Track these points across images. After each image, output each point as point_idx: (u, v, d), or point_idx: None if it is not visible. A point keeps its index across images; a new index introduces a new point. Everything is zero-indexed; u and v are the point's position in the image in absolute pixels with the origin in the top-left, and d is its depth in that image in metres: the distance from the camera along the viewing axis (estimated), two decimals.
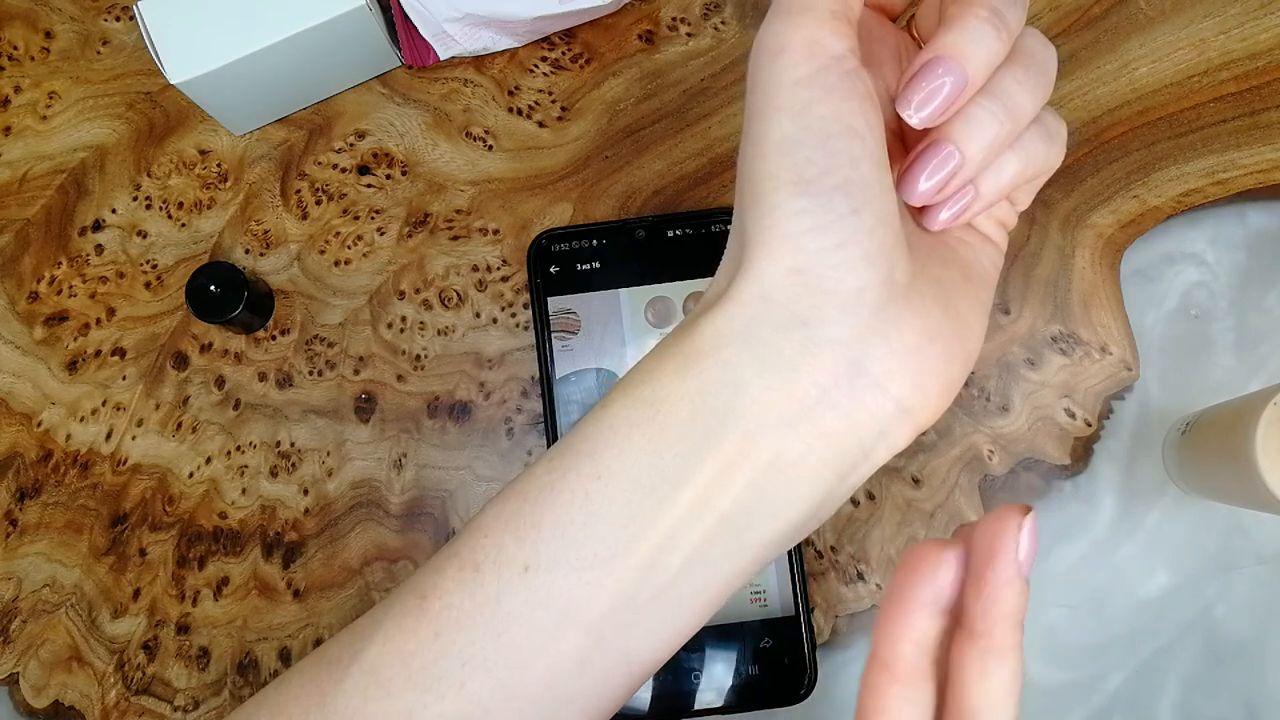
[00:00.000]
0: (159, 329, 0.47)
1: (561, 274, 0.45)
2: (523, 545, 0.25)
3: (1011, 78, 0.25)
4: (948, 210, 0.26)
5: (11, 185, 0.48)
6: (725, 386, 0.25)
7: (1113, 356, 0.45)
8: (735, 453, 0.25)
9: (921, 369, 0.25)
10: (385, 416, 0.46)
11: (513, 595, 0.25)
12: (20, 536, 0.46)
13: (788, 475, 0.25)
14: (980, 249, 0.28)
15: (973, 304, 0.27)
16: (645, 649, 0.26)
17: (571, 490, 0.25)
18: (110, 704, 0.45)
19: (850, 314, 0.24)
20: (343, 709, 0.26)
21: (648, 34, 0.48)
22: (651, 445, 0.25)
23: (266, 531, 0.46)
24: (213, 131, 0.48)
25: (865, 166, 0.24)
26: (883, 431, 0.25)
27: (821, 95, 0.24)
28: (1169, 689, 0.44)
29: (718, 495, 0.25)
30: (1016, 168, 0.26)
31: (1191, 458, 0.43)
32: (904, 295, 0.25)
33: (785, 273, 0.24)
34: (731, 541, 0.25)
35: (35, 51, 0.49)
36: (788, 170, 0.24)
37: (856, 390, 0.25)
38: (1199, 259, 0.47)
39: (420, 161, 0.48)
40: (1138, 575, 0.45)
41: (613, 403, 0.26)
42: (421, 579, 0.27)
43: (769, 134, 0.24)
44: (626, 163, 0.47)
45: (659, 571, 0.25)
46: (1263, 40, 0.46)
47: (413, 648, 0.26)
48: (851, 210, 0.24)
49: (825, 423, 0.25)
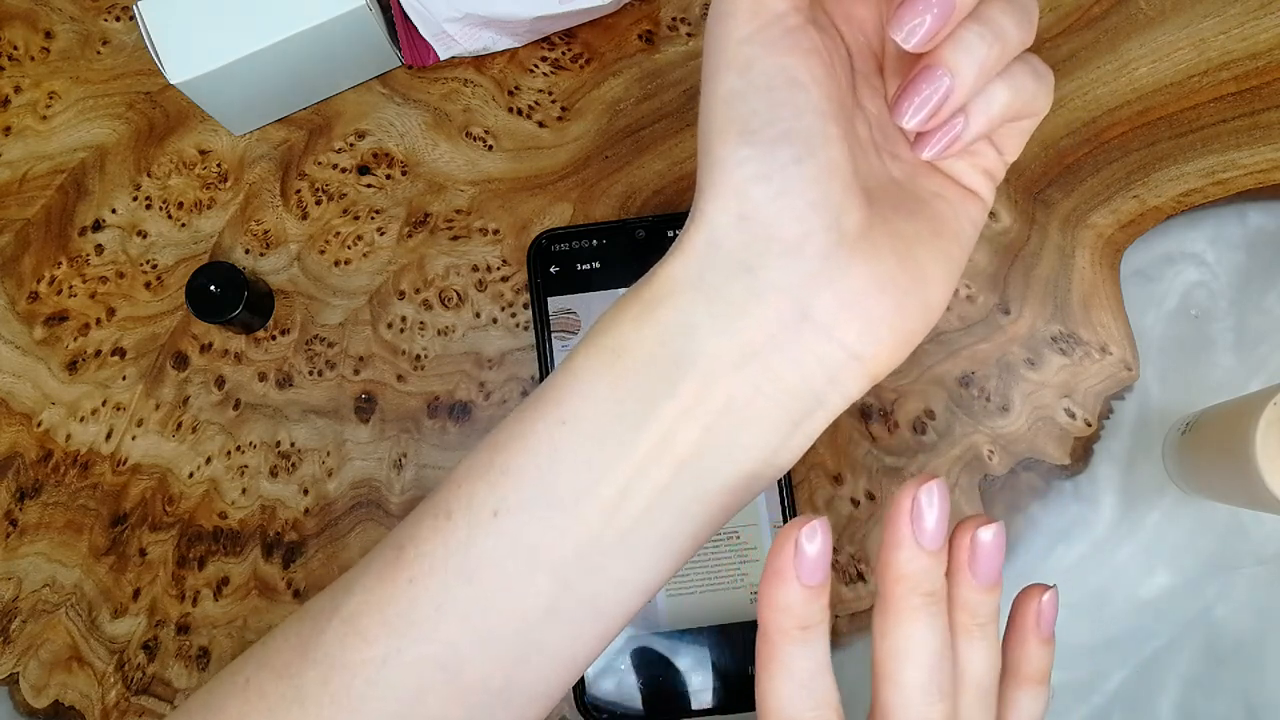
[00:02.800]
0: (159, 329, 0.47)
1: (561, 274, 0.45)
2: (492, 491, 0.26)
3: (997, 8, 0.26)
4: (939, 140, 0.27)
5: (11, 185, 0.48)
6: (680, 332, 0.25)
7: (1113, 356, 0.45)
8: (691, 397, 0.25)
9: (871, 317, 0.25)
10: (385, 416, 0.46)
11: (482, 540, 0.26)
12: (20, 536, 0.46)
13: (742, 417, 0.25)
14: (960, 204, 0.28)
15: (937, 258, 0.27)
16: (613, 596, 0.26)
17: (538, 437, 0.26)
18: (110, 704, 0.45)
19: (794, 260, 0.25)
20: (323, 658, 0.26)
21: (648, 34, 0.48)
22: (613, 391, 0.26)
23: (266, 531, 0.46)
24: (213, 131, 0.48)
25: (809, 117, 0.25)
26: (833, 378, 0.26)
27: (763, 51, 0.25)
28: (1169, 689, 0.44)
29: (675, 439, 0.25)
30: (1006, 96, 0.27)
31: (1191, 458, 0.43)
32: (853, 243, 0.25)
33: (733, 220, 0.25)
34: (692, 486, 0.26)
35: (35, 51, 0.49)
36: (734, 122, 0.25)
37: (803, 336, 0.25)
38: (1199, 259, 0.47)
39: (420, 161, 0.48)
40: (1138, 575, 0.45)
41: (578, 352, 0.27)
42: (399, 532, 0.27)
43: (717, 89, 0.26)
44: (626, 163, 0.47)
45: (622, 515, 0.25)
46: (1263, 40, 0.46)
47: (389, 595, 0.26)
48: (794, 159, 0.25)
49: (774, 367, 0.25)
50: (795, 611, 0.25)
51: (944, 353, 0.45)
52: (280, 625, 0.29)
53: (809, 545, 0.24)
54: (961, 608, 0.27)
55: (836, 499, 0.45)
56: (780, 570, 0.25)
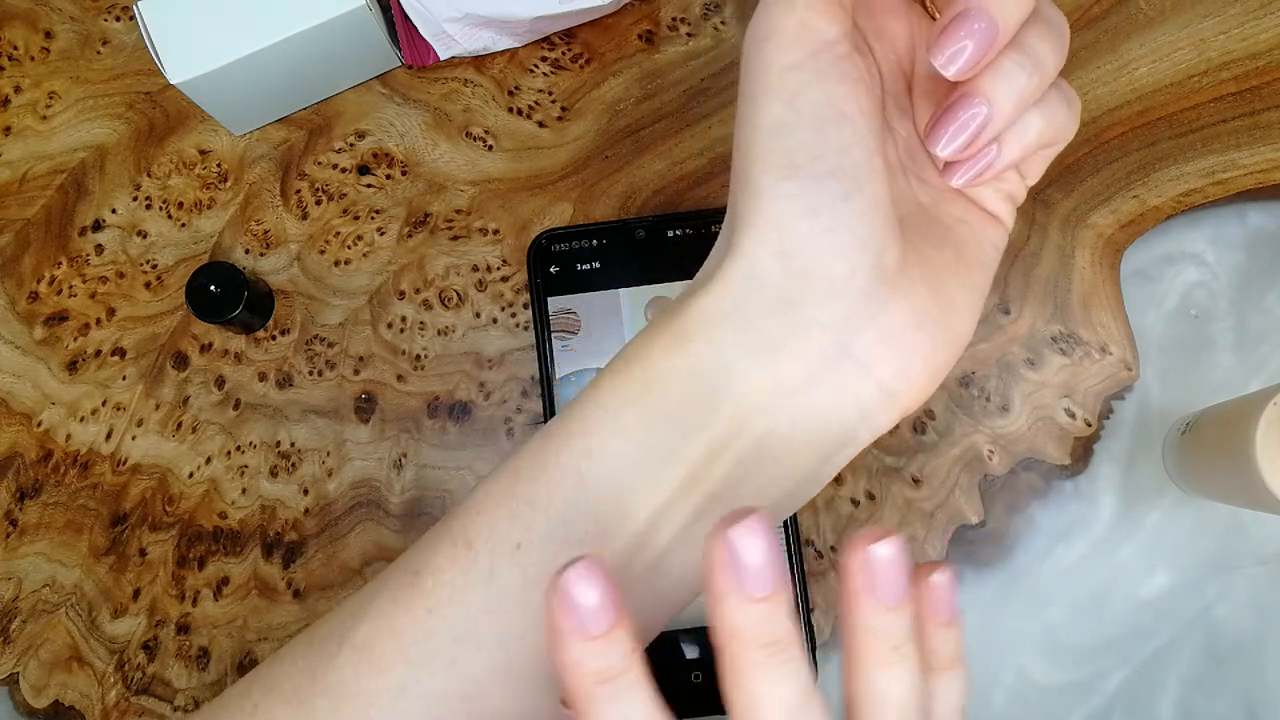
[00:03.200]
0: (159, 329, 0.47)
1: (561, 274, 0.45)
2: (515, 522, 0.25)
3: (1035, 34, 0.25)
4: (971, 168, 0.26)
5: (11, 185, 0.48)
6: (714, 366, 0.25)
7: (1113, 356, 0.45)
8: (723, 432, 0.25)
9: (907, 353, 0.25)
10: (385, 416, 0.46)
11: (505, 572, 0.25)
12: (20, 536, 0.46)
13: (774, 455, 0.25)
14: (981, 229, 0.28)
15: (964, 287, 0.27)
16: (634, 626, 0.26)
17: (563, 468, 0.25)
18: (110, 704, 0.45)
19: (838, 298, 0.24)
20: (334, 685, 0.26)
21: (648, 34, 0.48)
22: (641, 424, 0.25)
23: (266, 531, 0.46)
24: (213, 131, 0.48)
25: (857, 152, 0.24)
26: (866, 414, 0.25)
27: (813, 80, 0.24)
28: (1169, 689, 0.44)
29: (705, 474, 0.25)
30: (1040, 125, 0.26)
31: (1191, 458, 0.43)
32: (893, 279, 0.25)
33: (774, 255, 0.24)
34: (717, 517, 0.25)
35: (35, 51, 0.49)
36: (778, 154, 0.24)
37: (842, 373, 0.25)
38: (1199, 259, 0.47)
39: (420, 161, 0.48)
40: (1138, 575, 0.45)
41: (604, 381, 0.26)
42: (414, 556, 0.27)
43: (760, 119, 0.25)
44: (626, 163, 0.47)
45: (648, 548, 0.25)
46: (1263, 40, 0.46)
47: (405, 624, 0.26)
48: (843, 195, 0.24)
49: (810, 405, 0.25)
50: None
51: None
52: (285, 648, 0.28)
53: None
54: (870, 635, 0.23)
55: (836, 499, 0.45)
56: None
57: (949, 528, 0.44)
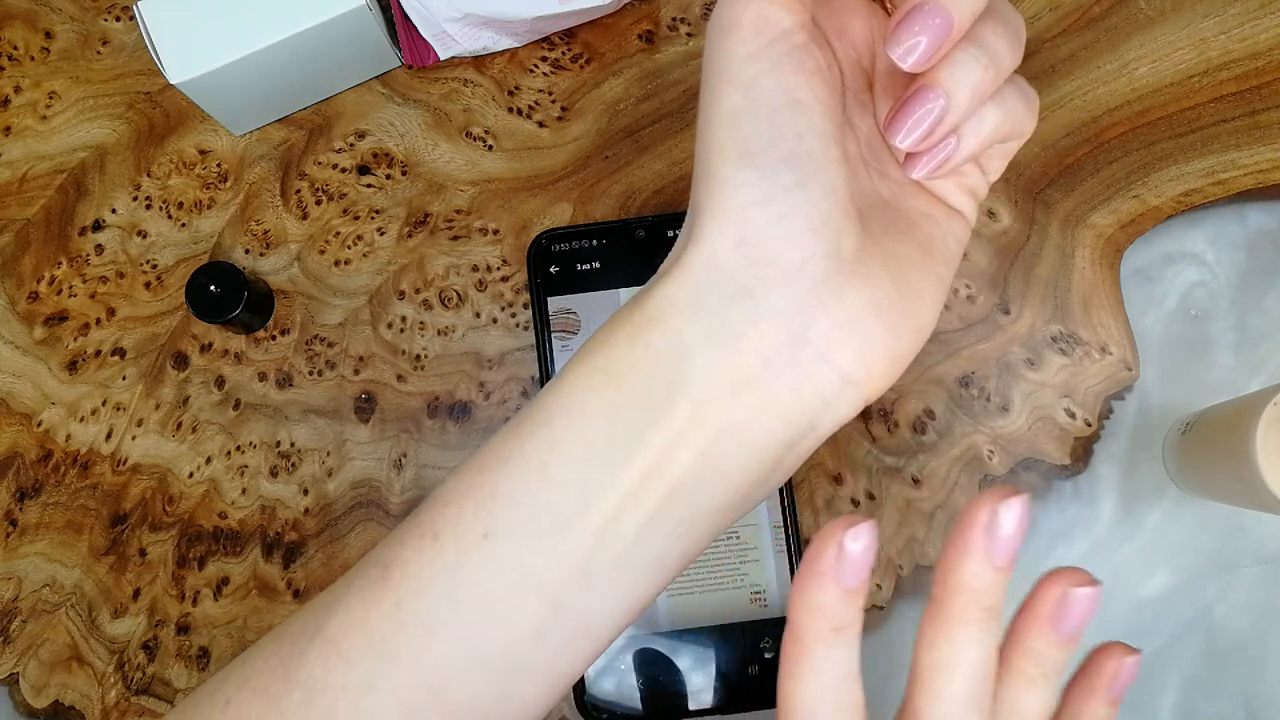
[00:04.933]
0: (159, 329, 0.47)
1: (561, 274, 0.45)
2: (480, 513, 0.26)
3: (990, 29, 0.26)
4: (930, 160, 0.27)
5: (11, 185, 0.48)
6: (674, 355, 0.25)
7: (1113, 356, 0.45)
8: (685, 421, 0.25)
9: (865, 341, 0.25)
10: (385, 416, 0.46)
11: (471, 563, 0.25)
12: (20, 536, 0.46)
13: (736, 443, 0.25)
14: (945, 223, 0.28)
15: (928, 278, 0.27)
16: (603, 617, 0.26)
17: (527, 458, 0.26)
18: (110, 704, 0.45)
19: (793, 286, 0.25)
20: (305, 679, 0.26)
21: (648, 34, 0.48)
22: (604, 413, 0.25)
23: (266, 531, 0.46)
24: (213, 131, 0.48)
25: (811, 139, 0.24)
26: (827, 402, 0.25)
27: (768, 69, 0.25)
28: (1169, 689, 0.44)
29: (669, 463, 0.25)
30: (997, 118, 0.27)
31: (1191, 458, 0.43)
32: (850, 268, 0.25)
33: (733, 244, 0.25)
34: (684, 509, 0.25)
35: (35, 51, 0.49)
36: (735, 142, 0.25)
37: (800, 361, 0.25)
38: (1199, 259, 0.47)
39: (420, 161, 0.48)
40: (1138, 575, 0.45)
41: (569, 372, 0.26)
42: (383, 551, 0.27)
43: (719, 107, 0.25)
44: (626, 163, 0.47)
45: (614, 539, 0.25)
46: (1263, 40, 0.46)
47: (374, 618, 0.26)
48: (796, 183, 0.24)
49: (771, 392, 0.25)
50: (831, 613, 0.24)
51: (944, 353, 0.45)
52: (258, 643, 0.28)
53: (853, 545, 0.24)
54: (1026, 654, 0.25)
55: (836, 499, 0.45)
56: (820, 571, 0.24)
57: (949, 528, 0.44)
